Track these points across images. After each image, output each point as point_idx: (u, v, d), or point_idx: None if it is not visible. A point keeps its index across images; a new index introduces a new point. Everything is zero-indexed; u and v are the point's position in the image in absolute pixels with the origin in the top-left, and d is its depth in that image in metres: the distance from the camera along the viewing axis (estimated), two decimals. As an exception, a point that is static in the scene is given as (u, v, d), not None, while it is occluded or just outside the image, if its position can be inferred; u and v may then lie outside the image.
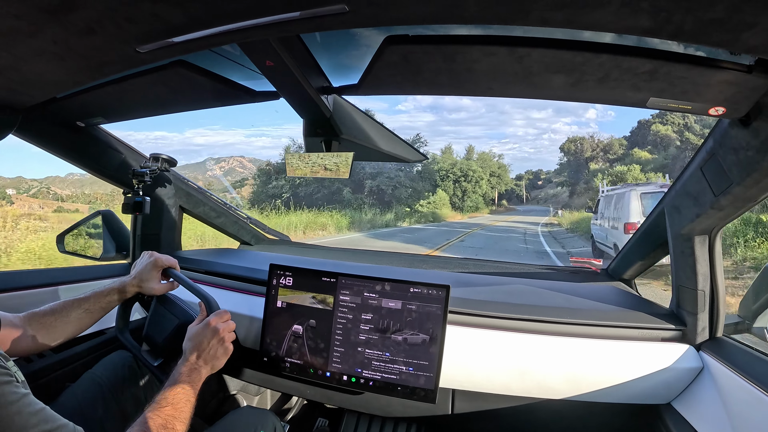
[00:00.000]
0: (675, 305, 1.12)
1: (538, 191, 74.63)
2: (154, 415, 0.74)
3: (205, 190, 1.53)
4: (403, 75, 0.83)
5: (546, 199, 63.06)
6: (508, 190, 69.78)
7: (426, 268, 1.55)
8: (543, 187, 76.14)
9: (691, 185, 0.99)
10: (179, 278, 1.04)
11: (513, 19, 0.61)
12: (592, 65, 0.73)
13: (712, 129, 0.91)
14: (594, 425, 1.14)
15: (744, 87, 0.72)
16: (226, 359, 0.91)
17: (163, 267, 1.04)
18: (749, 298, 1.06)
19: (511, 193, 71.27)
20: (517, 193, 71.73)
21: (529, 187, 77.12)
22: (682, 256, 1.06)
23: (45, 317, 0.88)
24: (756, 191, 0.84)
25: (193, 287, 1.00)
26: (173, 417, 0.75)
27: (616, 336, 1.07)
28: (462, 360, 1.05)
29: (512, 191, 71.05)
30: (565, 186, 47.26)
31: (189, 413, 0.79)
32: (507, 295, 1.21)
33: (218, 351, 0.89)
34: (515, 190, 71.44)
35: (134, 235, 1.38)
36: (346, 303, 1.06)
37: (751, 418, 0.82)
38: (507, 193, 63.69)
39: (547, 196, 65.06)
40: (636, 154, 34.62)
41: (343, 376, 1.06)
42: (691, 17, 0.54)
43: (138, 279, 1.01)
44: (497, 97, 0.92)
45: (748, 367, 0.89)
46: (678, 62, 0.69)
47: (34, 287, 1.16)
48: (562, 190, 52.91)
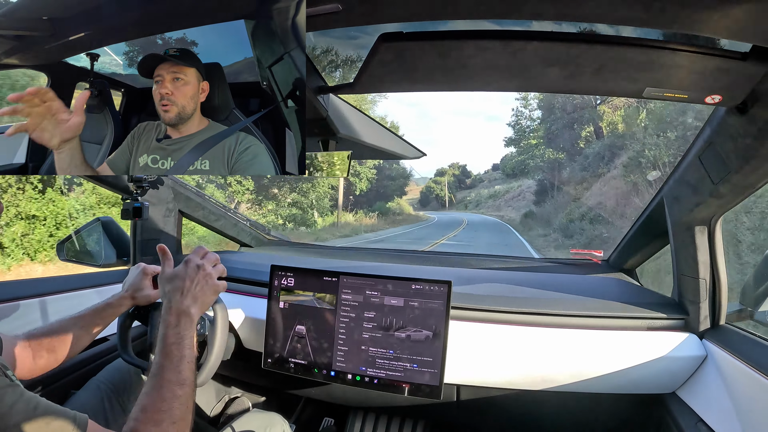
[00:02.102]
0: (677, 294, 1.12)
1: (467, 192, 61.54)
2: (156, 384, 0.67)
3: (203, 193, 1.54)
4: (399, 72, 0.82)
5: (478, 202, 51.71)
6: (426, 191, 57.12)
7: (427, 265, 1.55)
8: (474, 186, 63.08)
9: (690, 174, 0.99)
10: None
11: (507, 13, 0.61)
12: (586, 57, 0.73)
13: (709, 117, 0.91)
14: (600, 415, 1.15)
15: (740, 74, 0.72)
16: (216, 296, 0.83)
17: (154, 274, 1.04)
18: (750, 286, 1.06)
19: (428, 194, 58.87)
20: (436, 194, 58.96)
21: (454, 187, 62.80)
22: (683, 246, 1.06)
23: (43, 338, 0.86)
24: (755, 178, 0.84)
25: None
26: (173, 382, 0.68)
27: (619, 326, 1.08)
28: (466, 355, 1.05)
29: (429, 191, 58.72)
30: (534, 173, 24.98)
31: (189, 375, 0.70)
32: (509, 289, 1.21)
33: (205, 287, 0.80)
34: (433, 189, 59.23)
35: (134, 240, 1.38)
36: (348, 302, 1.06)
37: (756, 405, 0.83)
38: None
39: (480, 198, 53.77)
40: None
41: (347, 375, 1.06)
42: (685, 6, 0.54)
43: (131, 291, 1.00)
44: (492, 92, 0.92)
45: (752, 354, 0.89)
46: (673, 51, 0.69)
47: (37, 296, 1.16)
48: (516, 185, 41.31)
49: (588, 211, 14.96)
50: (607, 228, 12.60)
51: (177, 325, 0.73)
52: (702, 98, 0.79)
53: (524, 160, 25.79)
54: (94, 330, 0.95)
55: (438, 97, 42.67)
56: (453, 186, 62.88)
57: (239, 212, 1.76)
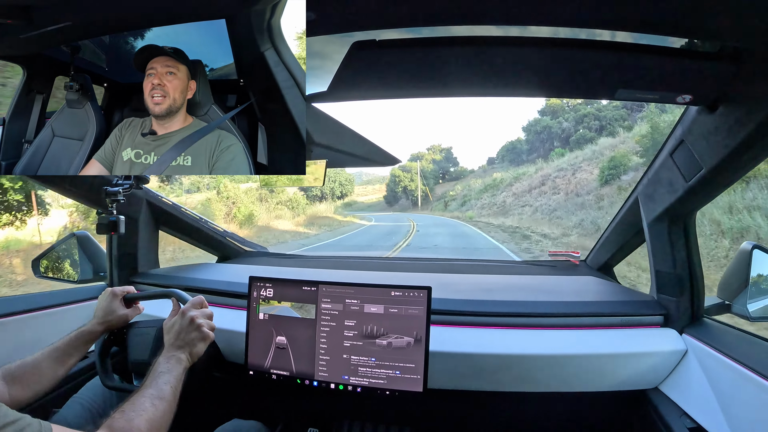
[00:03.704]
0: (655, 291, 1.13)
1: (451, 183, 40.75)
2: (138, 395, 0.73)
3: (179, 205, 1.51)
4: (373, 80, 0.82)
5: (466, 199, 29.24)
6: (390, 184, 40.45)
7: (407, 272, 1.55)
8: (461, 178, 41.17)
9: (663, 173, 1.00)
10: (141, 296, 1.04)
11: (479, 19, 0.62)
12: (559, 61, 0.73)
13: (680, 117, 0.92)
14: (585, 414, 1.15)
15: (710, 74, 0.73)
16: (204, 345, 0.89)
17: (123, 295, 1.04)
18: (727, 279, 1.08)
19: (393, 187, 40.91)
20: (404, 185, 40.30)
21: (432, 178, 42.74)
22: (659, 243, 1.07)
23: (18, 374, 0.86)
24: (727, 175, 0.85)
25: (158, 292, 1.00)
26: (154, 396, 0.74)
27: (600, 325, 1.08)
28: (449, 360, 1.05)
29: (395, 182, 40.61)
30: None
31: (171, 396, 0.76)
32: (489, 292, 1.21)
33: (194, 336, 0.87)
34: (400, 180, 40.12)
35: (110, 255, 1.36)
36: (328, 311, 1.05)
37: (737, 395, 0.84)
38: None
39: (468, 193, 30.80)
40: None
41: (330, 384, 1.05)
42: (655, 9, 0.55)
43: (103, 315, 1.01)
44: (468, 98, 0.92)
45: (732, 347, 0.91)
46: (644, 53, 0.70)
47: (13, 314, 1.13)
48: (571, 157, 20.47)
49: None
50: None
51: (167, 363, 0.82)
52: (673, 98, 0.80)
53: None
54: (70, 362, 0.94)
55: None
56: (431, 176, 42.89)
57: (217, 224, 1.73)
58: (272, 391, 1.19)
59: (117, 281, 1.38)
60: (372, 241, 13.62)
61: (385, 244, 12.27)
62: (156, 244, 1.50)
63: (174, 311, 0.95)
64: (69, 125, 0.88)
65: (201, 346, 0.88)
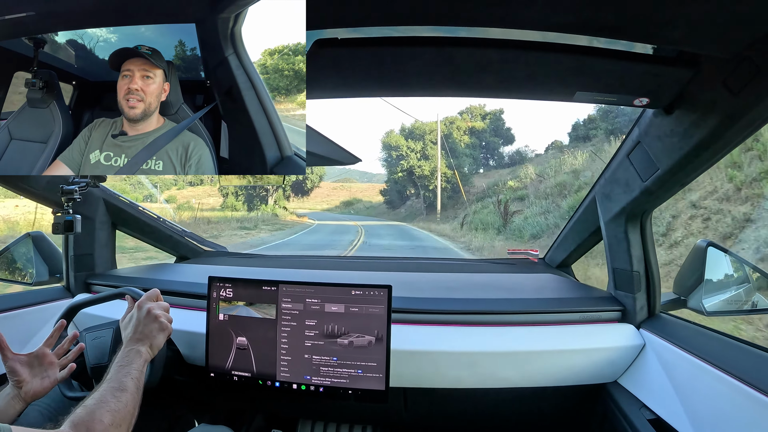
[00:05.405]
0: (612, 288, 1.15)
1: (502, 172, 21.44)
2: (99, 390, 0.71)
3: (137, 204, 1.47)
4: (334, 79, 0.81)
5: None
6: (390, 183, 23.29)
7: (368, 271, 1.54)
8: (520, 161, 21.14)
9: (620, 173, 1.02)
10: (92, 300, 1.00)
11: (442, 19, 0.62)
12: (519, 63, 0.74)
13: (637, 119, 0.94)
14: (546, 408, 1.17)
15: (667, 78, 0.74)
16: (164, 337, 0.87)
17: (24, 362, 0.83)
18: (683, 276, 1.11)
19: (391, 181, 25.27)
20: (410, 168, 21.88)
21: (468, 158, 22.82)
22: (616, 241, 1.09)
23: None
24: (682, 176, 0.88)
25: (110, 294, 0.97)
26: (115, 388, 0.71)
27: (559, 321, 1.10)
28: (411, 358, 1.05)
29: (389, 156, 23.60)
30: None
31: (133, 388, 0.74)
32: (449, 290, 1.21)
33: (153, 328, 0.85)
34: (400, 156, 22.93)
35: (67, 256, 1.31)
36: (288, 310, 1.04)
37: (693, 385, 0.87)
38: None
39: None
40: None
41: (292, 385, 1.04)
42: (614, 14, 0.55)
43: (27, 389, 0.81)
44: (428, 98, 0.92)
45: (688, 340, 0.93)
46: (603, 57, 0.71)
47: None
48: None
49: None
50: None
51: (127, 356, 0.80)
52: (630, 101, 0.82)
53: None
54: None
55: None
56: (465, 157, 23.11)
57: (175, 223, 1.69)
58: (235, 393, 1.17)
59: (73, 282, 1.33)
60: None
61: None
62: (113, 244, 1.45)
63: (130, 308, 0.92)
64: (30, 127, 0.81)
65: (161, 338, 0.86)
